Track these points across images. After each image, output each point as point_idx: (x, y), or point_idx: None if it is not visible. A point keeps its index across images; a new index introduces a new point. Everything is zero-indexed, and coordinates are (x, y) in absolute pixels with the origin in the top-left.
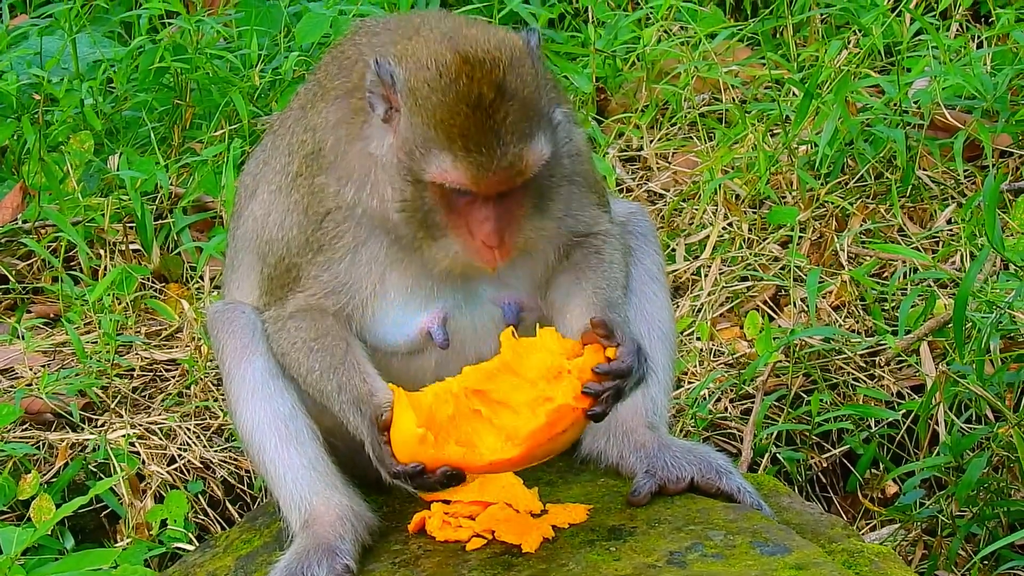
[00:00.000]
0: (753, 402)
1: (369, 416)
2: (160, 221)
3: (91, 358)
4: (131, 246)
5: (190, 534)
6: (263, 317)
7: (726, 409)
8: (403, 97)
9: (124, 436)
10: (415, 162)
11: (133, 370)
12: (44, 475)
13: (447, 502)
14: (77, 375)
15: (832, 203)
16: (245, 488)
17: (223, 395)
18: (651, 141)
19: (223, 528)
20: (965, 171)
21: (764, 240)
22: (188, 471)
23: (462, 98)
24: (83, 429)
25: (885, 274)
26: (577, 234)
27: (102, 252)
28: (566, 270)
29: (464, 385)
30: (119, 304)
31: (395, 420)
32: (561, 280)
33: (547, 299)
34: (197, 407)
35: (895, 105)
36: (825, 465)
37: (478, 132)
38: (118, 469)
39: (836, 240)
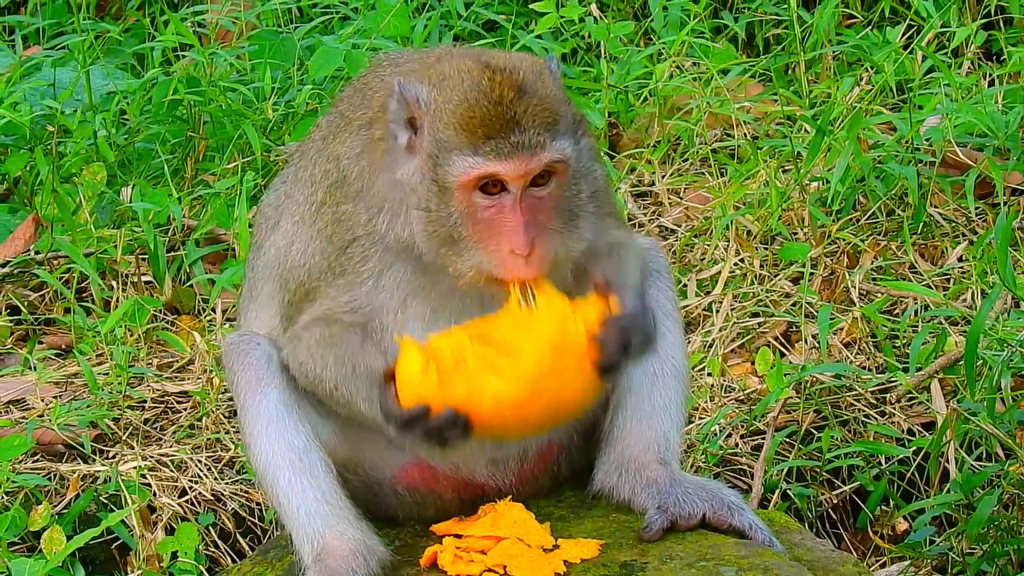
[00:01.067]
0: (764, 438)
1: (379, 380)
2: (172, 253)
3: (103, 389)
4: (143, 278)
5: (201, 567)
6: (281, 342)
7: (737, 445)
8: (426, 108)
9: (135, 468)
10: (439, 169)
11: (145, 402)
12: (55, 506)
13: (459, 536)
14: (89, 406)
15: (844, 240)
16: (256, 521)
17: (236, 427)
18: (663, 176)
19: (234, 561)
20: (977, 209)
21: (775, 276)
22: (199, 503)
23: (483, 96)
24: (94, 460)
25: (896, 311)
26: (595, 249)
27: (114, 284)
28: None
29: (469, 332)
30: (131, 336)
31: (399, 364)
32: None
33: None
34: (208, 439)
35: (907, 142)
36: (835, 501)
37: (499, 123)
38: (129, 501)
39: (847, 277)
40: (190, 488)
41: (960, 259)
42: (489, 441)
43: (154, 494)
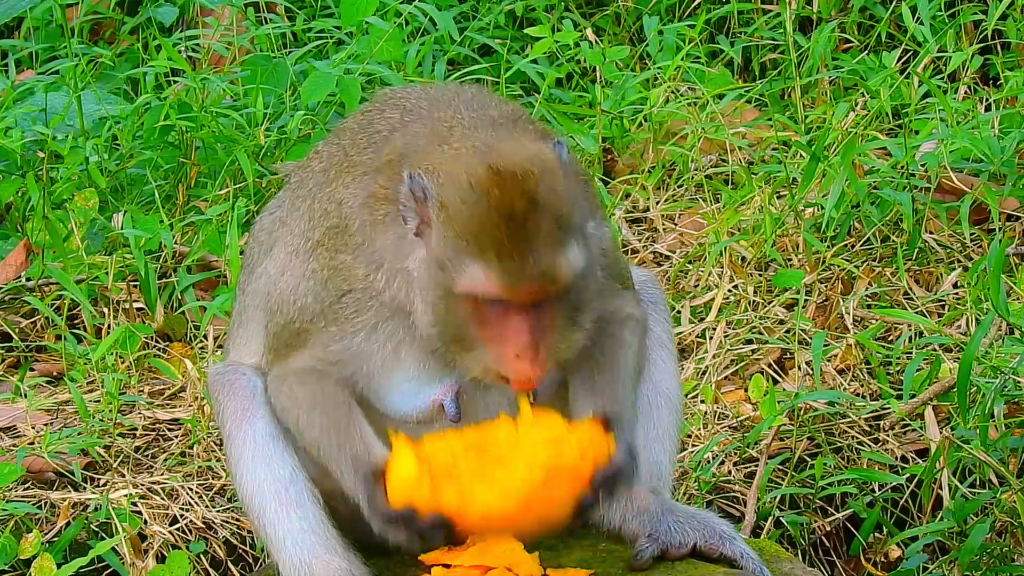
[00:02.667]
0: (757, 465)
1: (365, 470)
2: (164, 280)
3: (94, 417)
4: (135, 304)
5: None
6: (268, 374)
7: (730, 472)
8: (434, 211)
9: (126, 496)
10: (447, 274)
11: (136, 429)
12: (45, 534)
13: (447, 566)
14: (79, 434)
15: (838, 266)
16: (247, 549)
17: (224, 456)
18: (657, 202)
19: None
20: (972, 235)
21: (769, 303)
22: (190, 531)
23: (494, 208)
24: (85, 488)
25: (891, 337)
26: (600, 319)
27: (106, 310)
28: (582, 354)
29: (464, 439)
30: (122, 363)
31: (392, 462)
32: (575, 364)
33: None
34: (200, 467)
35: (902, 168)
36: (829, 529)
37: (510, 241)
38: (120, 529)
39: (841, 303)
40: (181, 516)
41: (955, 285)
42: None
43: (145, 522)
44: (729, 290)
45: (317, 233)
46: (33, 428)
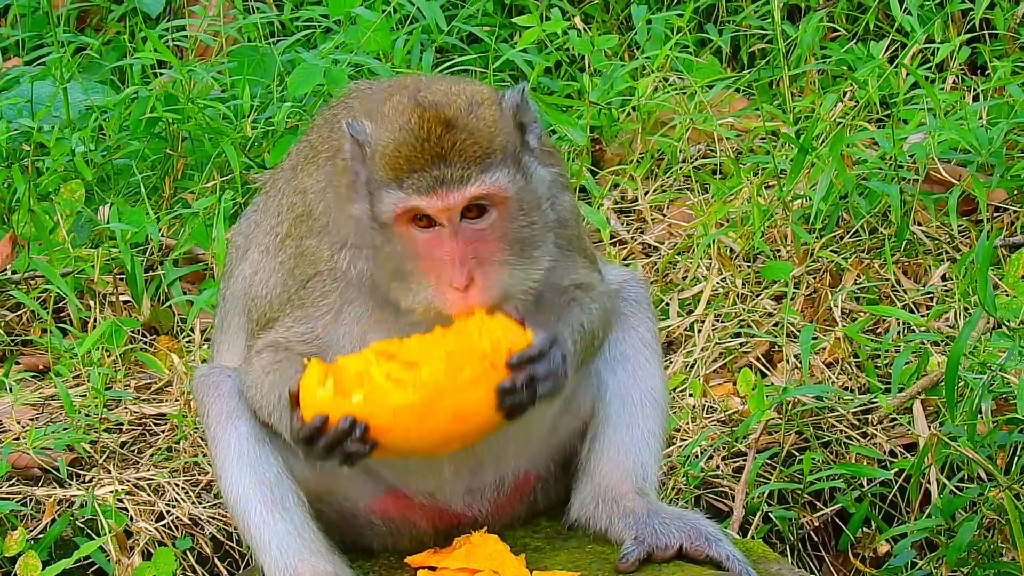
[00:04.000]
0: (745, 460)
1: (286, 396)
2: (150, 273)
3: (79, 412)
4: (121, 298)
5: None
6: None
7: (718, 467)
8: (368, 150)
9: (112, 492)
10: (376, 207)
11: (122, 424)
12: (31, 531)
13: (434, 569)
14: (65, 429)
15: (826, 258)
16: (234, 545)
17: (209, 458)
18: (646, 193)
19: None
20: (960, 226)
21: (758, 295)
22: (176, 527)
23: (412, 134)
24: (70, 485)
25: (879, 330)
26: (558, 287)
27: (92, 304)
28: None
29: (377, 350)
30: (108, 357)
31: (302, 380)
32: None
33: None
34: (186, 463)
35: (890, 159)
36: (817, 524)
37: (424, 158)
38: (106, 526)
39: (830, 296)
40: (167, 512)
41: (943, 278)
42: (394, 457)
43: (131, 518)
44: (718, 282)
45: (285, 226)
46: (18, 423)
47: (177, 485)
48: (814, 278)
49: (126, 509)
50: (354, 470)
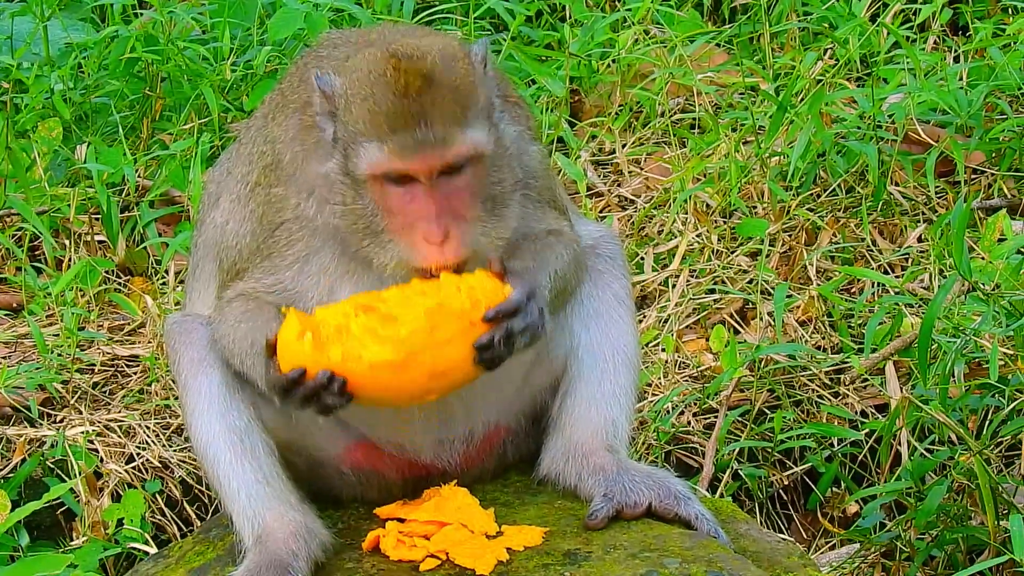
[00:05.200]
0: (716, 416)
1: (262, 347)
2: (126, 214)
3: (52, 352)
4: (97, 238)
5: (146, 534)
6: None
7: (689, 423)
8: (339, 103)
9: (83, 433)
10: (350, 162)
11: (94, 365)
12: (1, 471)
13: (402, 520)
14: (37, 369)
15: (802, 216)
16: (203, 489)
17: (180, 406)
18: (624, 146)
19: (180, 529)
20: (937, 188)
21: (733, 252)
22: (146, 470)
23: (389, 87)
24: (41, 425)
25: (853, 289)
26: (528, 234)
27: (67, 243)
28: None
29: (356, 302)
30: (82, 297)
31: (280, 332)
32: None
33: None
34: (157, 405)
35: (869, 118)
36: (786, 483)
37: (404, 115)
38: (76, 467)
39: (805, 254)
40: (137, 455)
41: (920, 239)
42: (370, 406)
43: (101, 460)
44: (693, 238)
45: (255, 175)
46: None
47: (148, 428)
48: (790, 236)
49: (96, 450)
50: (325, 420)
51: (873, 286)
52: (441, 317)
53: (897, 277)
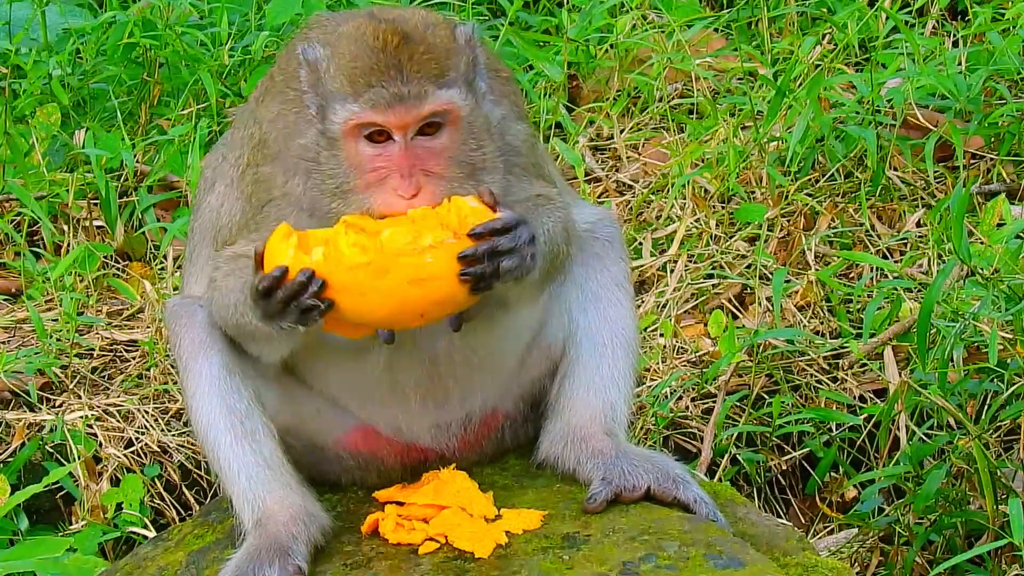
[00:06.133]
0: (715, 401)
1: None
2: (125, 199)
3: (51, 337)
4: (95, 223)
5: (145, 519)
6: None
7: (687, 408)
8: (322, 68)
9: (82, 417)
10: (326, 120)
11: (93, 350)
12: (0, 455)
13: (401, 504)
14: (36, 354)
15: (801, 201)
16: (202, 473)
17: (180, 388)
18: (622, 131)
19: (179, 513)
20: (936, 173)
21: (731, 237)
22: (145, 455)
23: (366, 45)
24: (41, 409)
25: (852, 274)
26: (519, 202)
27: (66, 228)
28: None
29: (347, 222)
30: (81, 282)
31: (269, 240)
32: None
33: None
34: (156, 390)
35: (867, 103)
36: (785, 468)
37: (380, 69)
38: (75, 451)
39: (803, 239)
40: (136, 439)
41: (918, 224)
42: (387, 364)
43: (100, 444)
44: (691, 223)
45: (246, 156)
46: None
47: (147, 412)
48: (788, 221)
49: (95, 435)
50: (323, 404)
51: (872, 271)
52: (425, 223)
53: (896, 262)
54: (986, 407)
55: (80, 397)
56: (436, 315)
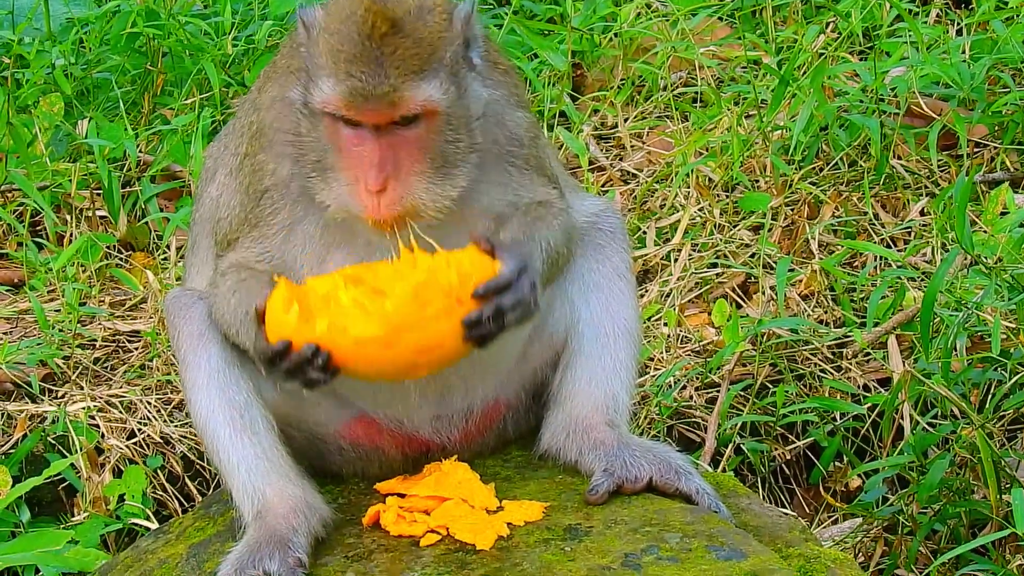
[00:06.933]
0: (718, 391)
1: (253, 317)
2: (128, 189)
3: (53, 327)
4: (98, 213)
5: (148, 510)
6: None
7: (691, 397)
8: (313, 32)
9: (84, 409)
10: (309, 93)
11: (95, 341)
12: (2, 446)
13: (403, 495)
14: (39, 344)
15: (805, 190)
16: (204, 464)
17: (180, 381)
18: (626, 120)
19: (181, 504)
20: (940, 161)
21: (735, 226)
22: (147, 446)
23: (355, 27)
24: (43, 400)
25: (856, 263)
26: (516, 204)
27: (68, 218)
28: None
29: (346, 274)
30: (83, 273)
31: (269, 302)
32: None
33: None
34: (159, 381)
35: (871, 92)
36: (789, 457)
37: (362, 59)
38: (77, 443)
39: (807, 228)
40: (139, 430)
41: (922, 213)
42: (360, 380)
43: (102, 435)
44: (695, 212)
45: (244, 145)
46: None
47: (149, 403)
48: (792, 210)
49: (98, 426)
50: (323, 395)
51: (875, 260)
52: (429, 294)
53: (899, 251)
54: (990, 396)
55: (82, 388)
56: (440, 369)
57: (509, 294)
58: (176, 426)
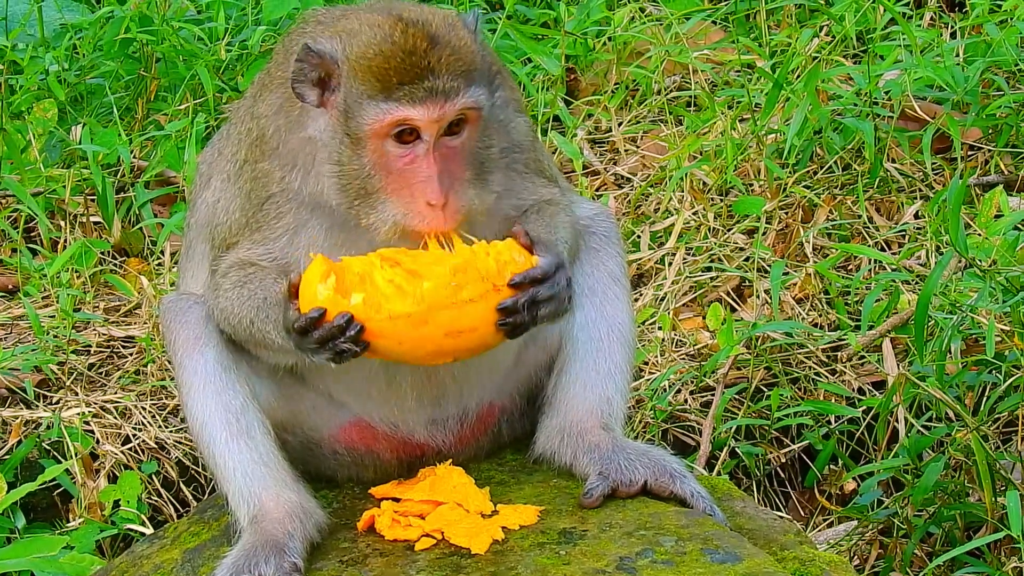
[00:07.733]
0: (713, 394)
1: (280, 295)
2: (122, 194)
3: (48, 333)
4: (92, 219)
5: (143, 516)
6: (207, 296)
7: (686, 401)
8: (340, 66)
9: (79, 414)
10: (352, 120)
11: (90, 346)
12: None
13: (397, 500)
14: (33, 350)
15: (799, 194)
16: (199, 470)
17: (175, 386)
18: (620, 124)
19: (176, 510)
20: (934, 164)
21: (729, 229)
22: (142, 451)
23: (397, 47)
24: (37, 406)
25: (850, 267)
26: (521, 206)
27: (62, 224)
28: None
29: (383, 255)
30: (78, 278)
31: (305, 273)
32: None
33: None
34: (153, 386)
35: (865, 95)
36: (783, 460)
37: (412, 71)
38: (72, 449)
39: (802, 231)
40: (134, 436)
41: (916, 216)
42: (384, 361)
43: (97, 441)
44: (689, 216)
45: (243, 152)
46: None
47: (144, 409)
48: (786, 213)
49: (92, 432)
50: (319, 399)
51: (870, 263)
52: (466, 277)
53: (894, 254)
54: (984, 399)
55: (77, 394)
56: (466, 357)
57: (545, 286)
58: (171, 432)
